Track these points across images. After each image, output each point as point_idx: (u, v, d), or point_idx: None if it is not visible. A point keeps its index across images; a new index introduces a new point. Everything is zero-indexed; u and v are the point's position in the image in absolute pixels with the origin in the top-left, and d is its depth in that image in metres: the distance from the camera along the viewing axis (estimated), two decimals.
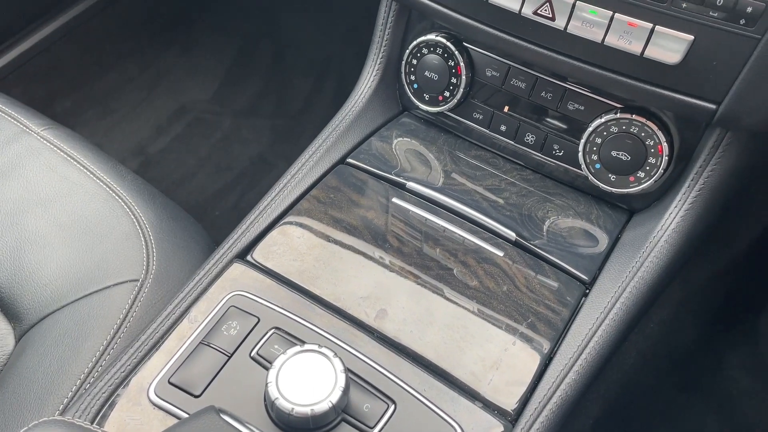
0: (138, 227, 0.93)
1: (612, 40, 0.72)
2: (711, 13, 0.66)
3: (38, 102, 1.63)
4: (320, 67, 1.90)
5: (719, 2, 0.65)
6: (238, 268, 0.77)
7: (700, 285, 1.22)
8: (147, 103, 1.75)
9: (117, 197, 0.96)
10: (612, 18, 0.71)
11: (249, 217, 0.83)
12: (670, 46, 0.70)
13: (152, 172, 1.62)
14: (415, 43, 0.92)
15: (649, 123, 0.80)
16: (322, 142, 0.93)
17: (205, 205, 1.58)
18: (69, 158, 1.01)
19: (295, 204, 0.85)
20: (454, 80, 0.91)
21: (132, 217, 0.94)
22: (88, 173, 0.99)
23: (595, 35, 0.73)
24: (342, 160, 0.92)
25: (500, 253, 0.81)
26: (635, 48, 0.71)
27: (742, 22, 0.65)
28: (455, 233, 0.83)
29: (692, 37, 0.68)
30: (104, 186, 0.97)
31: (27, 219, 0.93)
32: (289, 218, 0.83)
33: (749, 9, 0.64)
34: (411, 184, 0.88)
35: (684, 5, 0.67)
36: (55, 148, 1.02)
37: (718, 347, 1.25)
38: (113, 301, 0.84)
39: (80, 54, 1.71)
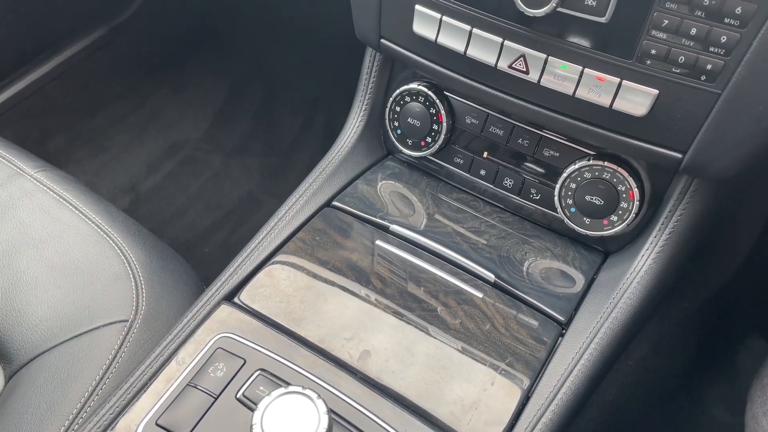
0: (128, 268, 0.95)
1: (582, 93, 0.76)
2: (674, 70, 0.70)
3: (32, 141, 1.66)
4: (309, 106, 1.95)
5: (681, 60, 0.69)
6: (225, 310, 0.79)
7: (677, 323, 1.25)
8: (139, 142, 1.79)
9: (108, 238, 0.98)
10: (582, 73, 0.75)
11: (237, 260, 0.86)
12: (636, 100, 0.74)
13: (143, 210, 1.65)
14: (398, 91, 0.96)
15: (620, 170, 0.83)
16: (308, 186, 0.96)
17: (194, 242, 1.61)
18: (61, 200, 1.03)
19: (282, 246, 0.88)
20: (435, 127, 0.95)
21: (122, 257, 0.96)
22: (80, 215, 1.01)
23: (567, 88, 0.77)
24: (328, 203, 0.95)
25: (480, 295, 0.83)
26: (604, 101, 0.75)
27: (703, 78, 0.70)
28: (437, 275, 0.85)
29: (657, 92, 0.72)
30: (96, 227, 1.00)
31: (19, 260, 0.95)
32: (275, 260, 0.85)
33: (709, 66, 0.69)
34: (394, 227, 0.91)
35: (648, 62, 0.71)
36: (48, 190, 1.04)
37: (697, 384, 1.27)
38: (102, 341, 0.86)
39: (74, 94, 1.75)
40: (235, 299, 0.81)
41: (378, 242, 0.89)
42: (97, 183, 1.67)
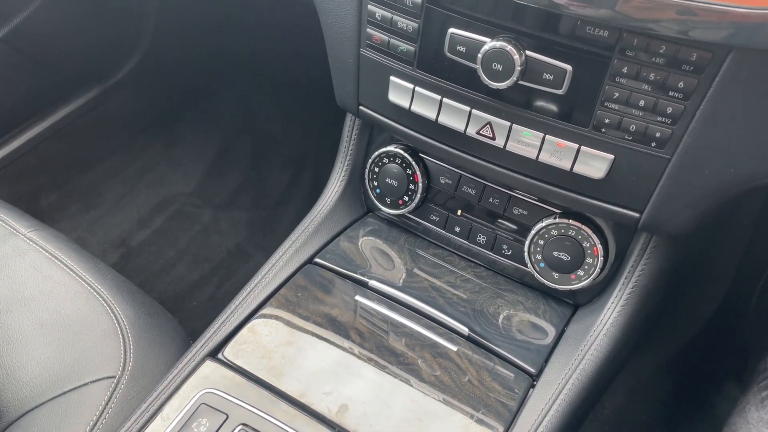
0: (117, 324, 0.98)
1: (545, 158, 0.82)
2: (626, 137, 0.76)
3: (24, 198, 1.70)
4: (297, 161, 2.01)
5: (632, 128, 0.75)
6: (209, 366, 0.82)
7: (653, 372, 1.29)
8: (130, 198, 1.83)
9: (97, 296, 1.02)
10: (543, 139, 0.81)
11: (221, 316, 0.90)
12: (594, 164, 0.79)
13: (132, 264, 1.68)
14: (376, 153, 1.02)
15: (584, 227, 0.89)
16: (291, 243, 1.00)
17: (182, 296, 1.64)
18: (53, 258, 1.07)
19: (265, 303, 0.91)
20: (412, 186, 1.01)
21: (111, 314, 0.99)
22: (71, 272, 1.05)
23: (530, 153, 0.83)
24: (310, 260, 0.99)
25: (454, 348, 0.87)
26: (565, 164, 0.81)
27: (653, 144, 0.75)
28: (413, 329, 0.89)
29: (612, 157, 0.78)
30: (86, 285, 1.03)
31: (10, 318, 0.98)
32: (258, 317, 0.89)
33: (658, 134, 0.74)
34: (373, 283, 0.95)
35: (603, 130, 0.77)
36: (41, 249, 1.08)
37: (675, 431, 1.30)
38: (90, 398, 0.89)
39: (67, 151, 1.80)
40: (219, 355, 0.85)
41: (357, 298, 0.93)
42: (88, 238, 1.71)
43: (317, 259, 0.99)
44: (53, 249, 1.08)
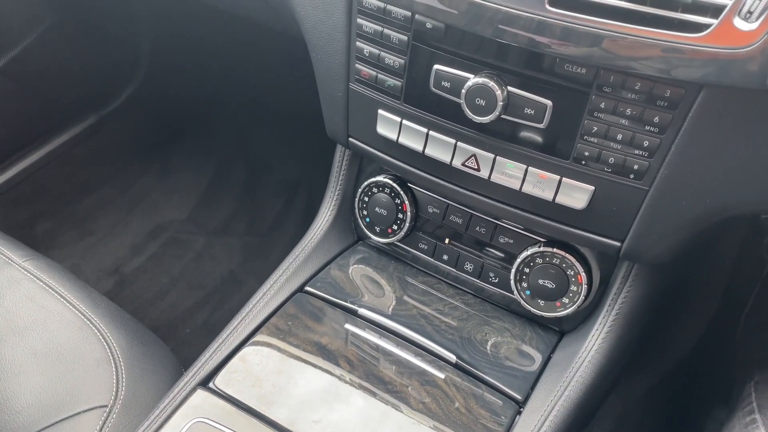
0: (109, 353, 0.99)
1: (528, 189, 0.84)
2: (606, 169, 0.79)
3: (19, 225, 1.72)
4: (290, 187, 2.03)
5: (611, 161, 0.78)
6: (200, 395, 0.84)
7: (641, 397, 1.30)
8: (124, 224, 1.85)
9: (90, 325, 1.03)
10: (526, 171, 0.83)
11: (213, 345, 0.91)
12: (575, 195, 0.82)
13: (126, 291, 1.69)
14: (366, 183, 1.04)
15: (568, 256, 0.91)
16: (282, 272, 1.02)
17: (176, 322, 1.65)
18: (47, 288, 1.08)
19: (256, 331, 0.93)
20: (400, 216, 1.03)
21: (104, 343, 1.01)
22: (65, 302, 1.06)
23: (514, 184, 0.85)
24: (301, 288, 1.01)
25: (442, 376, 0.89)
26: (547, 195, 0.83)
27: (632, 176, 0.78)
28: (402, 357, 0.91)
29: (593, 188, 0.81)
30: (79, 314, 1.05)
31: (4, 348, 0.99)
32: (249, 346, 0.90)
33: (636, 166, 0.77)
34: (362, 311, 0.97)
35: (583, 162, 0.79)
36: (35, 278, 1.09)
37: None
38: (82, 427, 0.90)
39: (62, 179, 1.82)
40: (211, 384, 0.86)
41: (347, 326, 0.94)
42: (82, 266, 1.72)
43: (308, 288, 1.00)
44: (47, 278, 1.10)
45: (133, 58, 1.94)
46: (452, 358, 0.91)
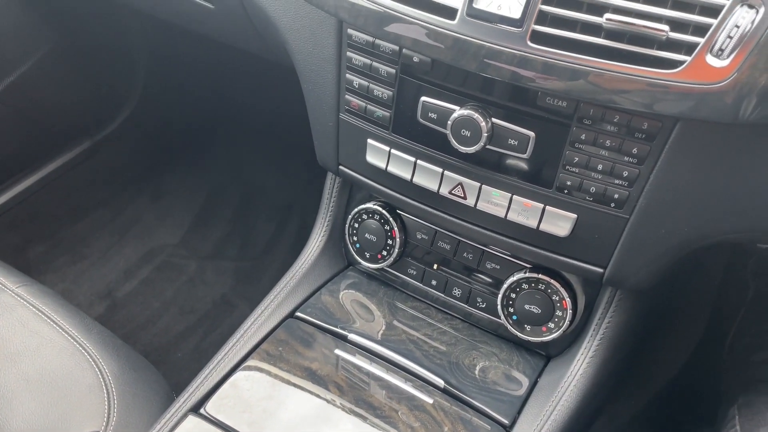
0: (101, 379, 1.00)
1: (513, 216, 0.87)
2: (587, 198, 0.81)
3: (12, 249, 1.73)
4: (283, 211, 2.05)
5: (592, 190, 0.80)
6: (192, 421, 0.85)
7: (626, 422, 1.31)
8: (117, 249, 1.86)
9: (83, 350, 1.04)
10: (511, 199, 0.86)
11: (204, 371, 0.92)
12: (559, 223, 0.84)
13: (118, 316, 1.70)
14: (356, 210, 1.07)
15: (553, 281, 0.93)
16: (273, 297, 1.04)
17: (168, 347, 1.65)
18: (40, 314, 1.09)
19: (247, 357, 0.94)
20: (390, 242, 1.05)
21: (96, 369, 1.01)
22: (58, 328, 1.07)
23: (499, 212, 0.87)
24: (292, 314, 1.02)
25: (430, 400, 0.90)
26: (532, 223, 0.86)
27: (612, 205, 0.80)
28: (391, 382, 0.92)
29: (575, 216, 0.83)
30: (71, 340, 1.05)
31: None
32: (240, 371, 0.92)
33: (616, 195, 0.79)
34: (352, 336, 0.98)
35: (566, 191, 0.82)
36: (28, 304, 1.10)
37: None
38: None
39: (56, 204, 1.84)
40: (202, 410, 0.87)
41: (337, 351, 0.96)
42: (75, 290, 1.73)
43: (298, 313, 1.02)
44: (40, 304, 1.10)
45: (128, 84, 1.97)
46: (440, 383, 0.92)
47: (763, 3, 0.63)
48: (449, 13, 0.76)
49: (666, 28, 0.66)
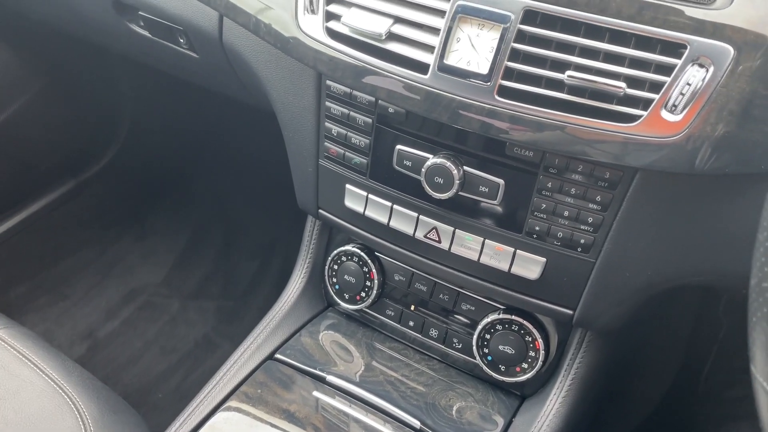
0: (81, 423, 1.00)
1: (485, 260, 0.90)
2: (555, 243, 0.85)
3: None
4: (266, 249, 2.07)
5: (560, 235, 0.84)
6: None
7: None
8: (99, 289, 1.86)
9: (63, 393, 1.04)
10: (483, 243, 0.89)
11: (182, 415, 0.93)
12: (529, 266, 0.87)
13: (99, 356, 1.69)
14: (335, 252, 1.09)
15: (525, 322, 0.96)
16: (253, 339, 1.05)
17: (148, 387, 1.65)
18: (21, 357, 1.09)
19: (227, 399, 0.95)
20: (368, 283, 1.07)
21: (75, 412, 1.02)
22: (38, 370, 1.08)
23: (472, 255, 0.90)
24: (271, 356, 1.04)
25: None
26: (503, 266, 0.89)
27: (579, 249, 0.84)
28: (368, 424, 0.94)
29: (544, 260, 0.86)
30: (52, 382, 1.06)
31: None
32: (219, 413, 0.93)
33: (582, 240, 0.83)
34: (330, 378, 1.00)
35: (535, 236, 0.85)
36: (9, 347, 1.11)
37: None
38: None
39: (39, 243, 1.84)
40: None
41: (315, 393, 0.97)
42: (56, 330, 1.73)
43: (278, 355, 1.03)
44: (21, 347, 1.11)
45: (114, 124, 2.00)
46: (416, 424, 0.94)
47: (713, 63, 0.68)
48: (422, 68, 0.80)
49: (623, 85, 0.71)
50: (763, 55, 0.67)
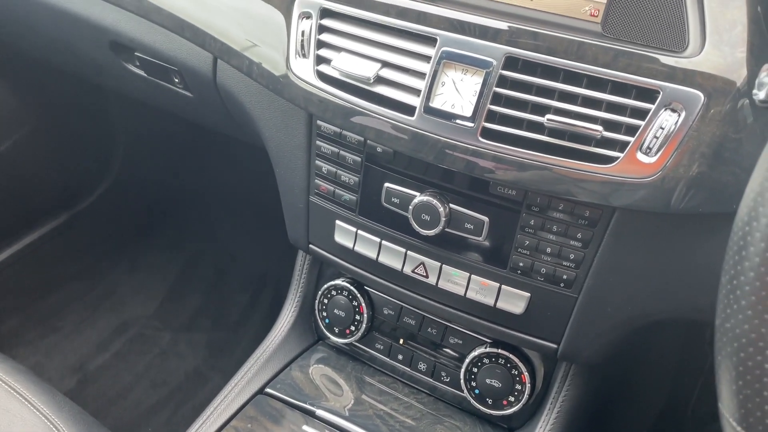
0: None
1: (471, 295, 0.92)
2: (539, 278, 0.87)
3: None
4: (257, 281, 2.08)
5: (543, 271, 0.86)
6: None
7: None
8: (90, 321, 1.87)
9: (54, 428, 1.05)
10: (469, 278, 0.91)
11: None
12: (514, 301, 0.90)
13: (90, 390, 1.69)
14: (325, 286, 1.11)
15: (511, 356, 0.97)
16: (244, 374, 1.07)
17: (138, 421, 1.64)
18: (12, 391, 1.10)
19: None
20: (358, 317, 1.09)
21: None
22: (28, 405, 1.08)
23: (459, 290, 0.93)
24: (261, 390, 1.05)
25: None
26: (489, 300, 0.91)
27: (562, 285, 0.86)
28: None
29: (529, 295, 0.89)
30: (42, 417, 1.06)
31: None
32: None
33: (564, 276, 0.85)
34: (320, 412, 1.01)
35: (519, 272, 0.88)
36: (1, 382, 1.11)
37: None
38: None
39: (30, 277, 1.85)
40: None
41: (304, 428, 0.98)
42: (46, 363, 1.73)
43: (268, 389, 1.05)
44: (13, 381, 1.12)
45: (107, 157, 2.03)
46: None
47: (684, 108, 0.71)
48: (408, 110, 0.83)
49: (600, 128, 0.74)
50: (732, 101, 0.70)
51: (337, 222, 1.00)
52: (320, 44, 0.89)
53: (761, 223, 0.43)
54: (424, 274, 0.95)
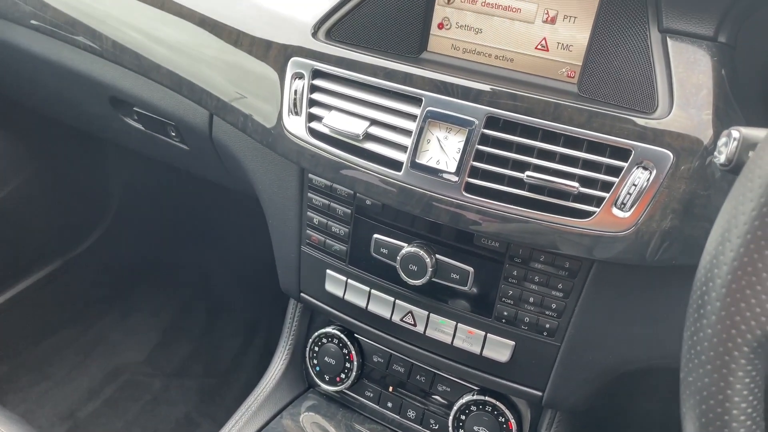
0: None
1: (458, 343, 0.94)
2: (523, 327, 0.90)
3: None
4: (249, 327, 2.09)
5: (526, 320, 0.89)
6: None
7: None
8: (82, 368, 1.86)
9: None
10: (456, 327, 0.94)
11: None
12: (499, 349, 0.92)
13: None
14: (316, 334, 1.13)
15: (499, 403, 0.99)
16: (235, 422, 1.08)
17: None
18: None
19: None
20: (348, 365, 1.11)
21: None
22: None
23: (446, 339, 0.95)
24: None
25: None
26: (475, 349, 0.94)
27: (545, 333, 0.89)
28: None
29: (513, 343, 0.91)
30: None
31: None
32: None
33: (547, 325, 0.88)
34: None
35: (503, 321, 0.91)
36: None
37: None
38: None
39: (22, 324, 1.86)
40: None
41: None
42: (36, 411, 1.72)
43: None
44: (3, 429, 1.12)
45: (102, 205, 2.06)
46: None
47: (655, 166, 0.76)
48: (396, 165, 0.87)
49: (576, 184, 0.78)
50: (700, 158, 0.74)
51: (328, 271, 1.03)
52: (312, 103, 0.93)
53: (716, 284, 0.47)
54: (412, 322, 0.97)
